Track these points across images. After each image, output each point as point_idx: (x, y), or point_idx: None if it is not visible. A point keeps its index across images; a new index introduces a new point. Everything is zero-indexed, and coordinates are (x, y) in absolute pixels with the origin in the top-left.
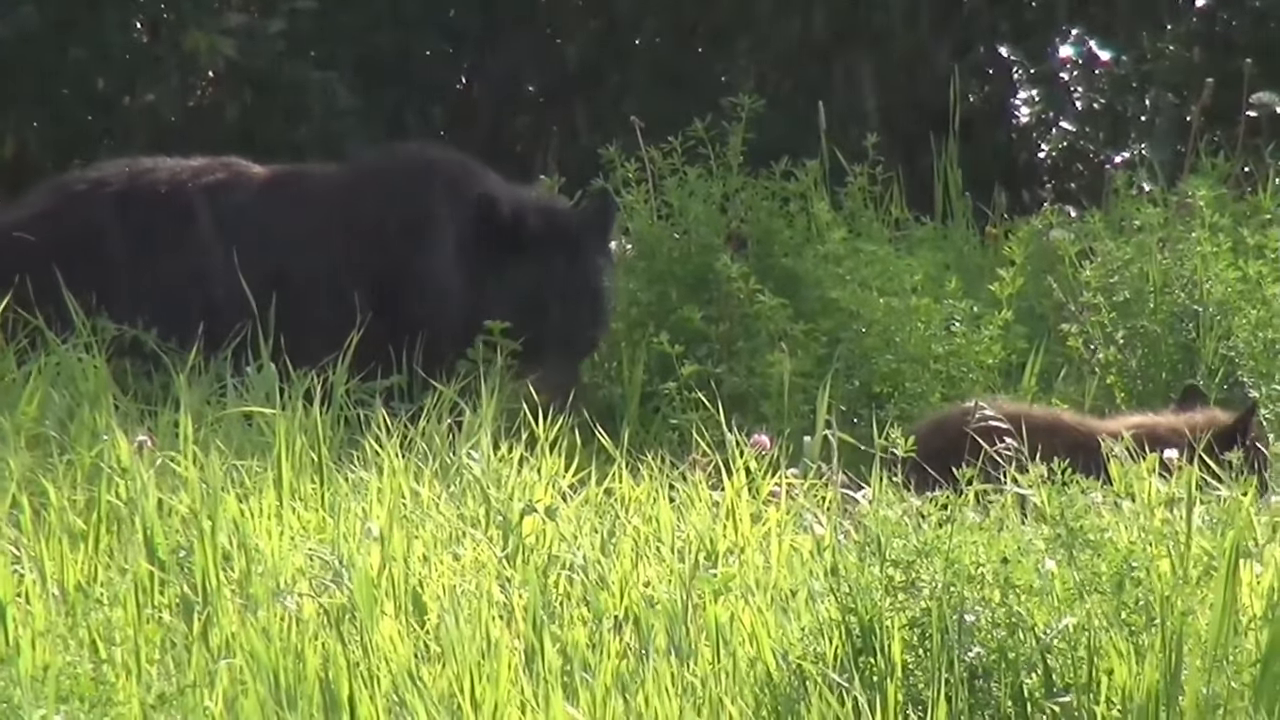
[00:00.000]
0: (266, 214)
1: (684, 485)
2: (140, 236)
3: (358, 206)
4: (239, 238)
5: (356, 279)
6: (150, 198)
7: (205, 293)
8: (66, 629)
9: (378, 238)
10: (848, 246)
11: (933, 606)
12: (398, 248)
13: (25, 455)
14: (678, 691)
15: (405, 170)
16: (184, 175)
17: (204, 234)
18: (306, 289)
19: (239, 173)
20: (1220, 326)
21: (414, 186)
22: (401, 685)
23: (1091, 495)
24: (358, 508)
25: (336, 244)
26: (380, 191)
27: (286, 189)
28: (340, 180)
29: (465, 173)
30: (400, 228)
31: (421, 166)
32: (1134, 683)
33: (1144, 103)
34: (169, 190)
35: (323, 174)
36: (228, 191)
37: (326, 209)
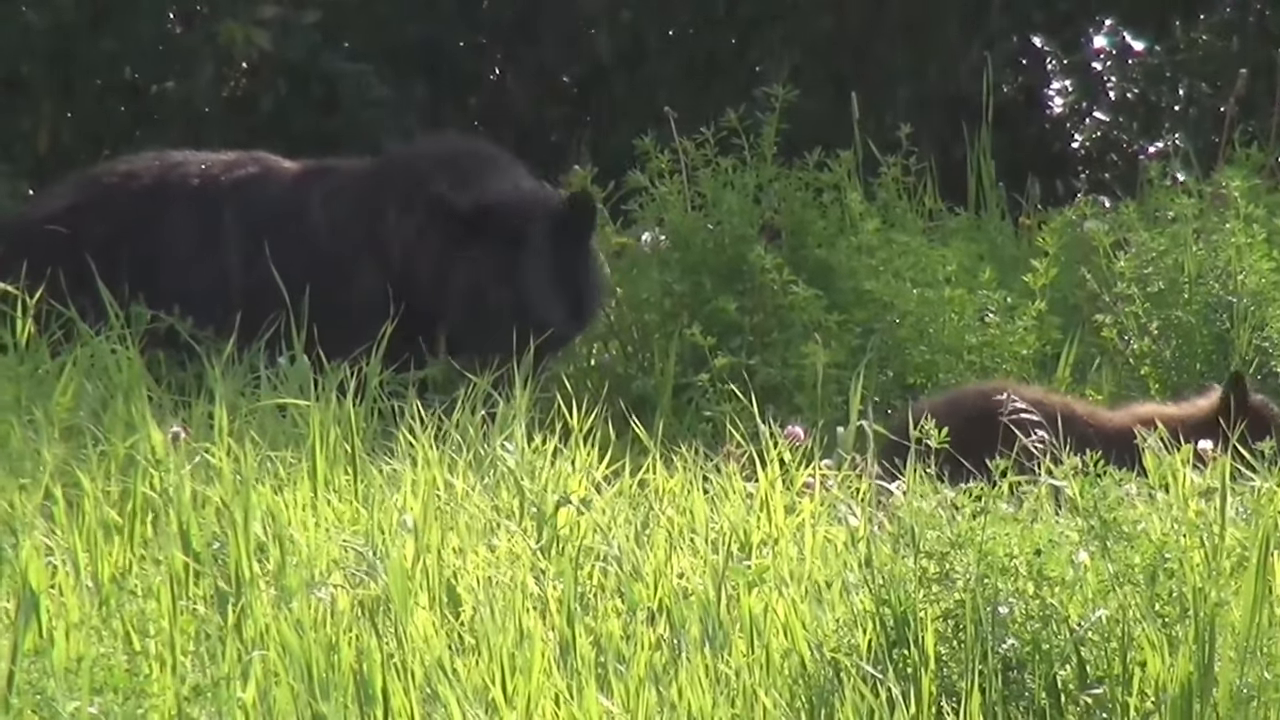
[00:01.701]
0: (295, 208)
1: (718, 477)
2: (171, 230)
3: (374, 200)
4: (269, 232)
5: (380, 272)
6: (181, 192)
7: (235, 286)
8: (100, 620)
9: (388, 231)
10: (881, 237)
11: (966, 598)
12: (400, 240)
13: (59, 446)
14: (711, 683)
15: (407, 164)
16: (214, 169)
17: (233, 229)
18: (336, 282)
19: (269, 167)
20: (1254, 317)
21: (409, 182)
22: (435, 677)
23: (1125, 487)
24: (392, 499)
25: (360, 238)
26: (386, 185)
27: (315, 183)
28: (364, 174)
29: (457, 166)
30: (397, 221)
31: (416, 161)
32: (1167, 674)
33: (1178, 93)
34: (199, 184)
35: (349, 168)
36: (258, 186)
37: (351, 203)
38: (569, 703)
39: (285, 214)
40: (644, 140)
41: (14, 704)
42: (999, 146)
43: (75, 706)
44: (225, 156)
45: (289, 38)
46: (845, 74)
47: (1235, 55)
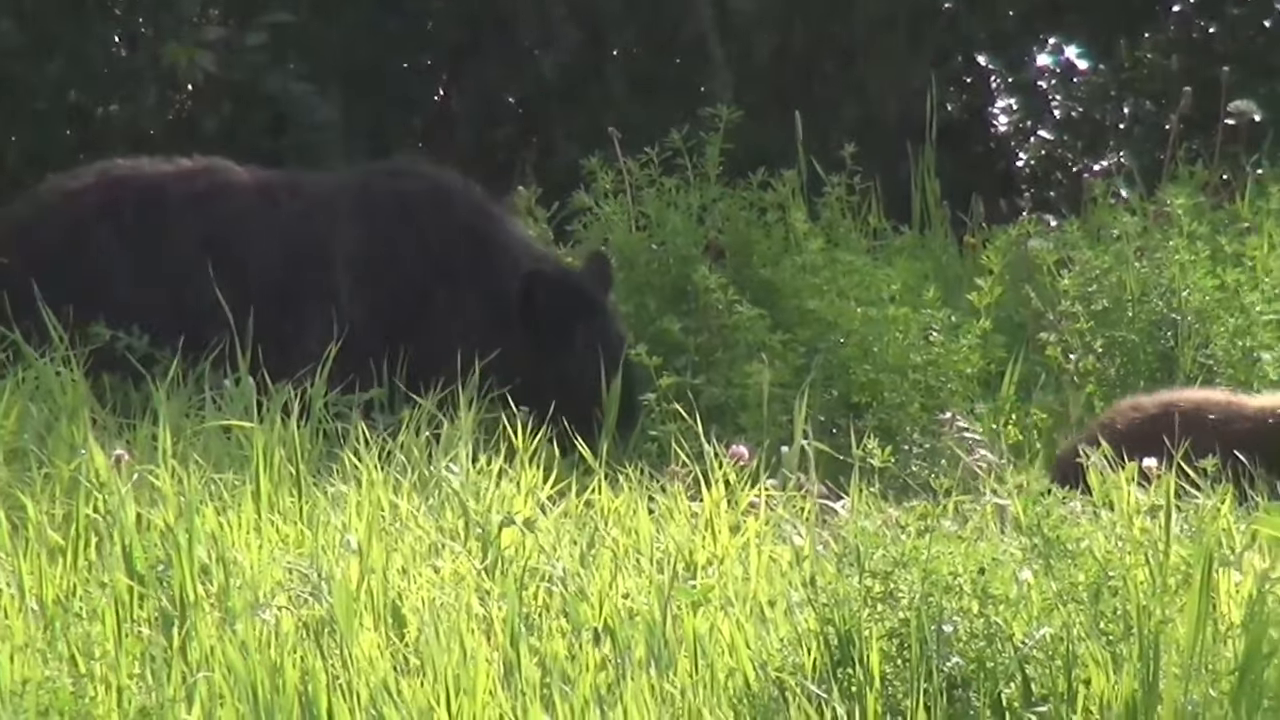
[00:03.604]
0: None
1: (663, 497)
2: (122, 248)
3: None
4: (224, 248)
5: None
6: (130, 207)
7: (186, 303)
8: (46, 643)
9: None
10: (825, 256)
11: (911, 617)
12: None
13: (2, 469)
14: (656, 703)
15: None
16: (165, 181)
17: (186, 243)
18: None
19: (225, 181)
20: (1198, 335)
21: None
22: (380, 699)
23: (1070, 504)
24: (337, 520)
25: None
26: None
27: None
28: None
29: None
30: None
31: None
32: (1112, 692)
33: (1122, 111)
34: (149, 198)
35: (313, 183)
36: (212, 200)
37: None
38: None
39: (241, 229)
40: (589, 160)
41: None
42: (943, 165)
43: None
44: (177, 167)
45: (234, 59)
46: (789, 94)
47: (1179, 73)
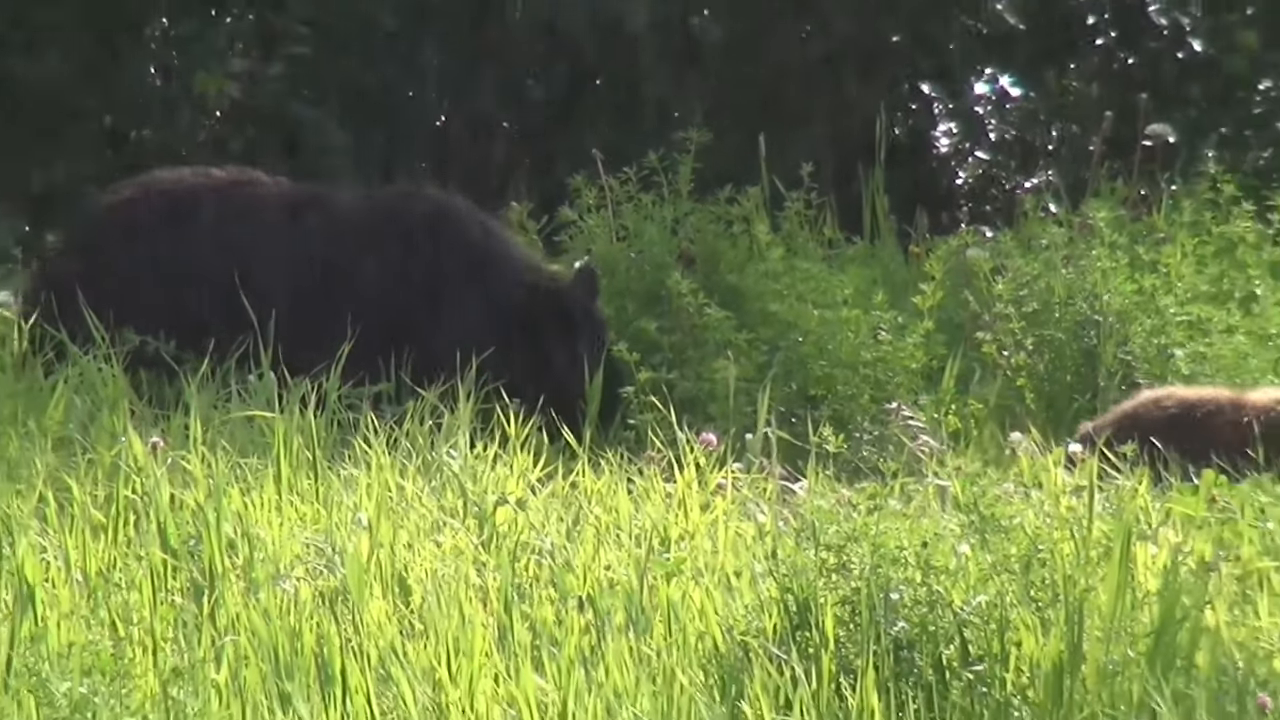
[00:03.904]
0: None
1: (640, 479)
2: (164, 250)
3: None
4: (255, 256)
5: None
6: (170, 214)
7: (220, 303)
8: (89, 610)
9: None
10: (785, 264)
11: (861, 586)
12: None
13: (51, 456)
14: (634, 663)
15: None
16: (203, 191)
17: (221, 249)
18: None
19: (257, 194)
20: (1118, 334)
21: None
22: (388, 660)
23: (1003, 485)
24: (349, 500)
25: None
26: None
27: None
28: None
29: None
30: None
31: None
32: (1041, 653)
33: (1050, 134)
34: (188, 207)
35: (336, 199)
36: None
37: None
38: (507, 681)
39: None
40: (575, 179)
41: (12, 685)
42: (891, 183)
43: (67, 687)
44: (216, 179)
45: (256, 88)
46: (753, 119)
47: (1101, 100)
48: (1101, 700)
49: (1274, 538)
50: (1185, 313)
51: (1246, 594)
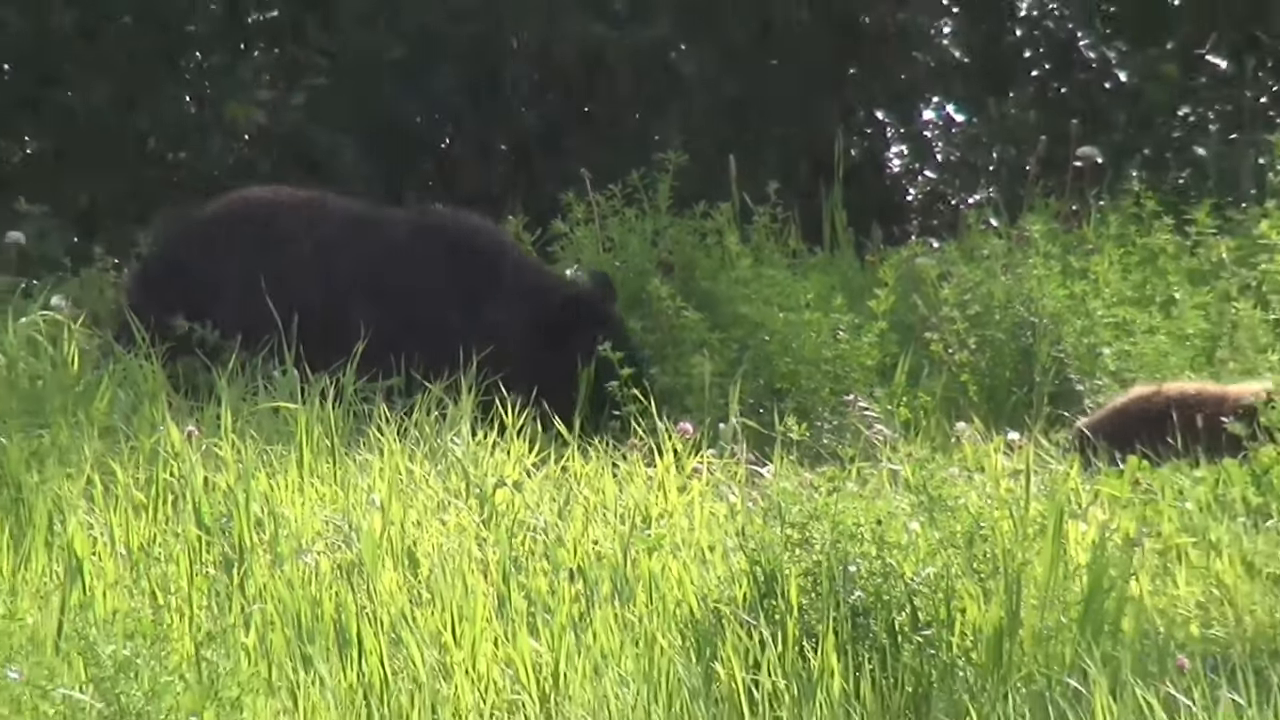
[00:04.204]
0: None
1: (624, 464)
2: (245, 256)
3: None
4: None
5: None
6: (254, 224)
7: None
8: (131, 581)
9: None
10: (754, 272)
11: (822, 559)
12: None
13: (98, 443)
14: (619, 628)
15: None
16: (281, 207)
17: (293, 258)
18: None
19: (327, 209)
20: (1052, 334)
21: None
22: (399, 625)
23: (949, 469)
24: (363, 483)
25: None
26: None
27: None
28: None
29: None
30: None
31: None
32: (983, 619)
33: (991, 155)
34: (268, 217)
35: (390, 218)
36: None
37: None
38: (505, 644)
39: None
40: (566, 196)
41: (63, 648)
42: (848, 199)
43: (112, 650)
44: (296, 197)
45: (281, 115)
46: (725, 142)
47: (1036, 125)
48: (1037, 661)
49: (1191, 516)
50: (1112, 315)
51: (1167, 567)
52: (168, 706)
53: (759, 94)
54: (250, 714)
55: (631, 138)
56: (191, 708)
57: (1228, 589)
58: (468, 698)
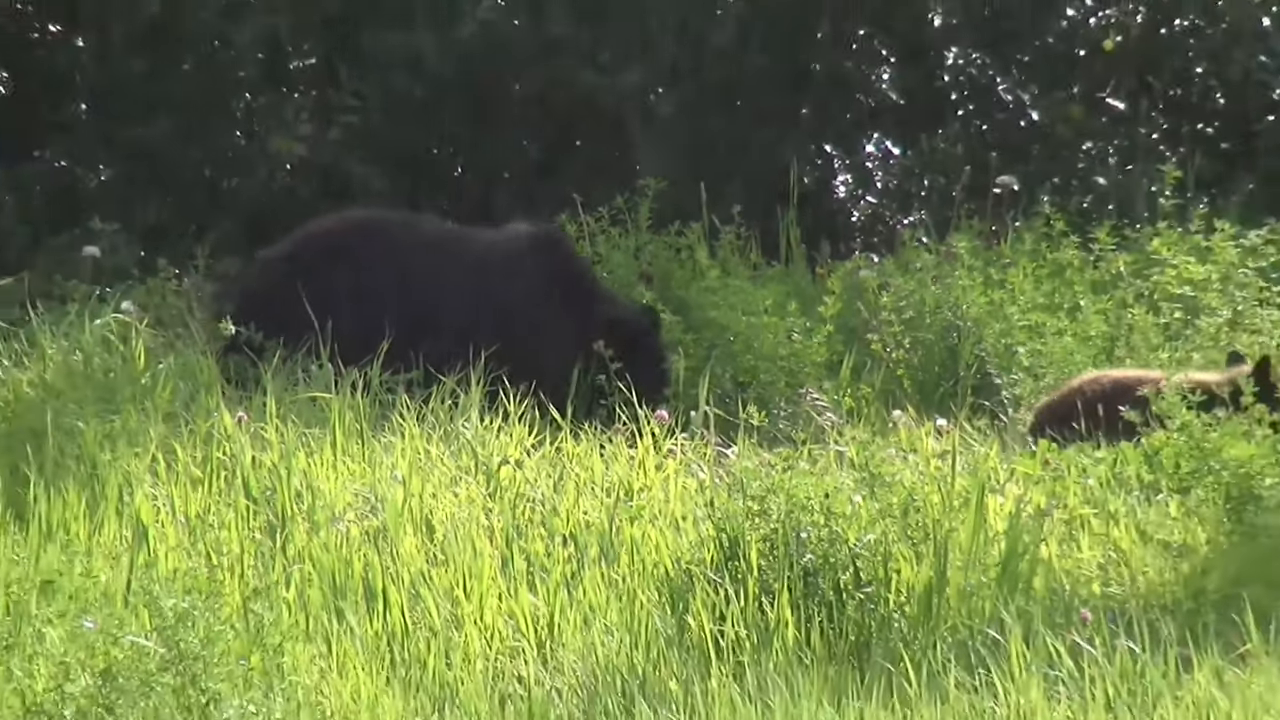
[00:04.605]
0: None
1: (610, 445)
2: (348, 271)
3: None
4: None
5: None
6: (357, 240)
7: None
8: (189, 544)
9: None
10: (721, 282)
11: (778, 527)
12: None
13: (162, 427)
14: (605, 586)
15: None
16: (385, 225)
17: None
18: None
19: (422, 228)
20: (974, 335)
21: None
22: (418, 582)
23: (887, 450)
24: (387, 461)
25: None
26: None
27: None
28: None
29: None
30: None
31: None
32: (915, 578)
33: (923, 183)
34: (371, 234)
35: (478, 237)
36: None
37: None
38: (509, 599)
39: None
40: (561, 217)
41: (131, 601)
42: (802, 220)
43: (172, 603)
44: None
45: (319, 148)
46: (697, 171)
47: (962, 157)
48: (961, 615)
49: (1093, 491)
50: (1026, 319)
51: (1072, 534)
52: (220, 651)
53: (726, 131)
54: (290, 658)
55: (616, 168)
56: (240, 652)
57: (1124, 553)
58: (476, 644)
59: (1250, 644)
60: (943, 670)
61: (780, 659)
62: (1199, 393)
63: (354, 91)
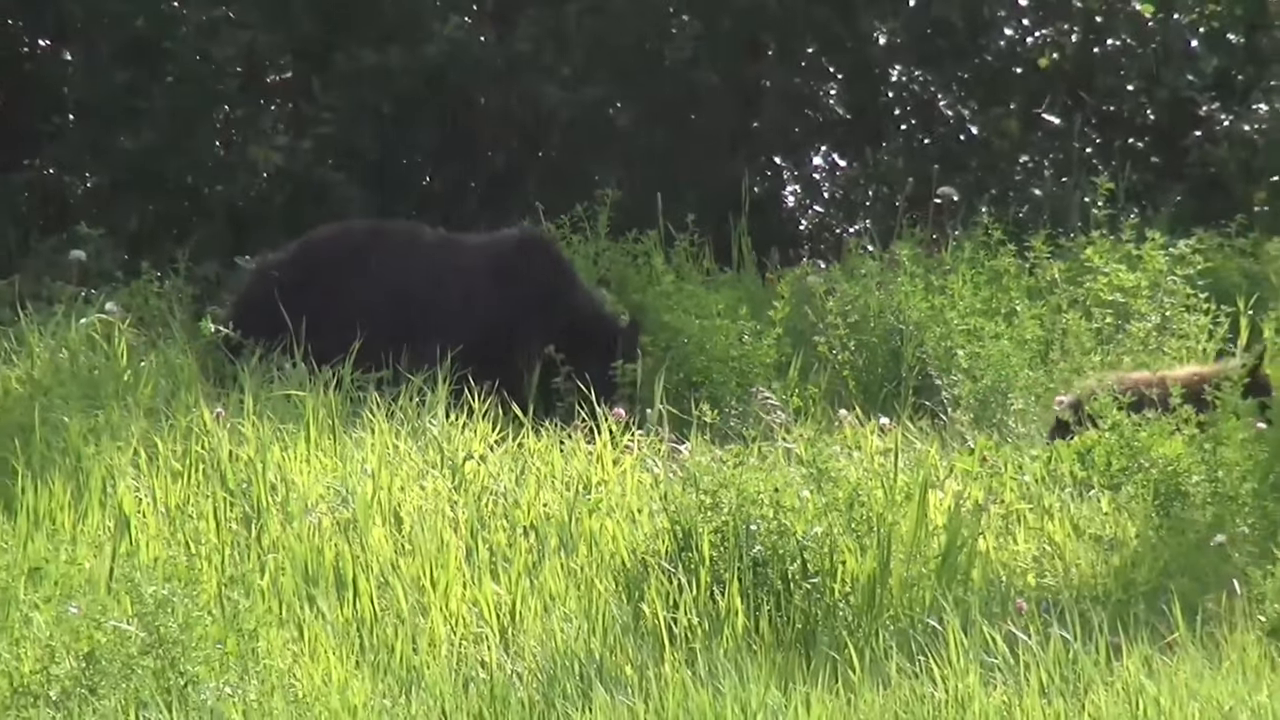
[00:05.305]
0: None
1: (569, 441)
2: (352, 274)
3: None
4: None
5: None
6: (359, 247)
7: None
8: (170, 534)
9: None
10: (675, 287)
11: (729, 520)
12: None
13: (144, 421)
14: (565, 575)
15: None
16: (380, 234)
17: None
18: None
19: (417, 237)
20: (916, 339)
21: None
22: (386, 571)
23: (833, 447)
24: (358, 456)
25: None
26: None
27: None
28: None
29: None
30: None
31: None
32: (859, 569)
33: (868, 193)
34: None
35: (467, 243)
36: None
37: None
38: (473, 587)
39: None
40: (523, 225)
41: (113, 588)
42: (753, 228)
43: (153, 590)
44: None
45: (293, 157)
46: (653, 181)
47: (904, 170)
48: (903, 604)
49: (1029, 487)
50: (965, 323)
51: (1009, 527)
52: (198, 636)
53: (680, 143)
54: (264, 643)
55: (577, 178)
56: (217, 637)
57: (1058, 546)
58: (441, 630)
59: (1177, 633)
60: (885, 657)
61: (730, 645)
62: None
63: (327, 104)
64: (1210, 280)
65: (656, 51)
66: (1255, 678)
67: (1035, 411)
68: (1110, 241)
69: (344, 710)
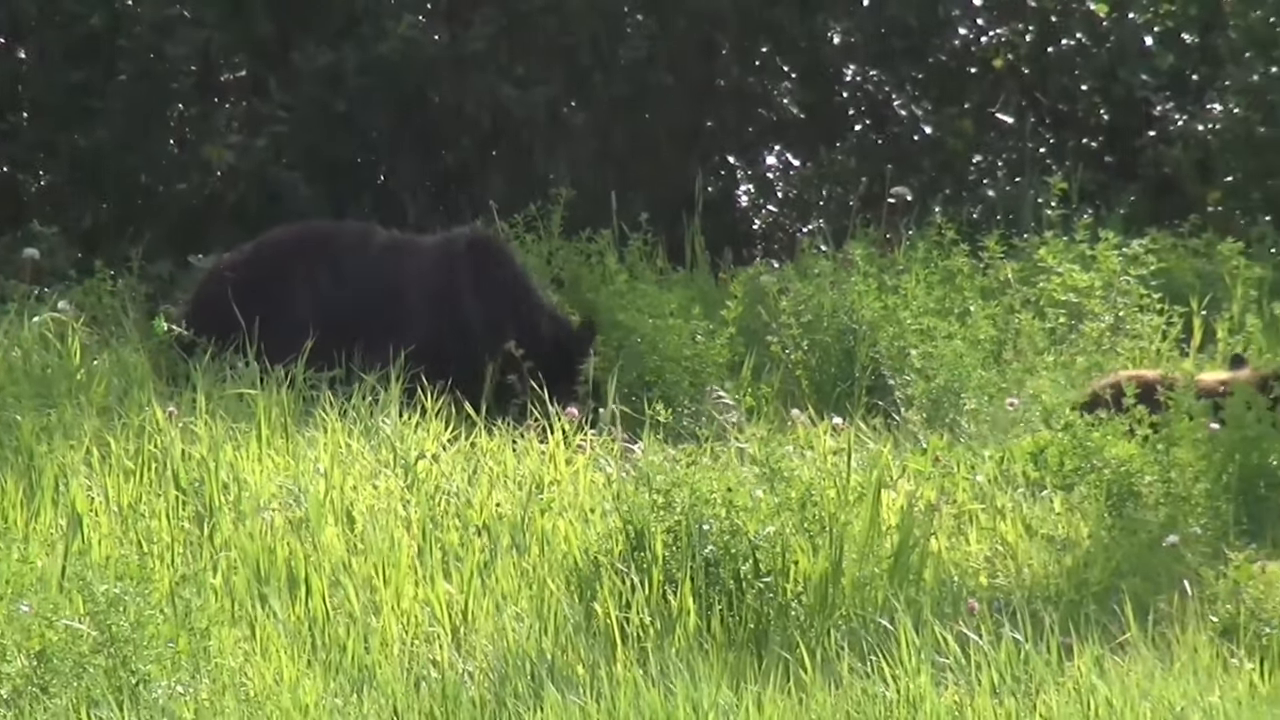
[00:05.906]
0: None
1: (522, 440)
2: (306, 276)
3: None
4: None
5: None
6: (312, 249)
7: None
8: (122, 532)
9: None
10: (629, 286)
11: (682, 519)
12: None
13: (96, 420)
14: (517, 575)
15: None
16: (332, 235)
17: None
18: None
19: (368, 238)
20: (869, 339)
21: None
22: (338, 570)
23: (786, 447)
24: (310, 455)
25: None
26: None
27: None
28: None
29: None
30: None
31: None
32: (812, 569)
33: (822, 193)
34: (322, 244)
35: (418, 243)
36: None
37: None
38: (425, 586)
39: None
40: (477, 224)
41: (65, 587)
42: (705, 228)
43: (105, 588)
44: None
45: (247, 155)
46: (607, 180)
47: (858, 169)
48: (855, 604)
49: (981, 487)
50: (918, 323)
51: (961, 528)
52: (150, 635)
53: (634, 142)
54: (216, 641)
55: (530, 177)
56: (169, 636)
57: (1010, 546)
58: (393, 629)
59: (1129, 633)
60: (837, 657)
61: (682, 645)
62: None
63: (281, 103)
64: (1164, 280)
65: (610, 51)
66: (1207, 678)
67: (988, 411)
68: (1064, 241)
69: (295, 709)
